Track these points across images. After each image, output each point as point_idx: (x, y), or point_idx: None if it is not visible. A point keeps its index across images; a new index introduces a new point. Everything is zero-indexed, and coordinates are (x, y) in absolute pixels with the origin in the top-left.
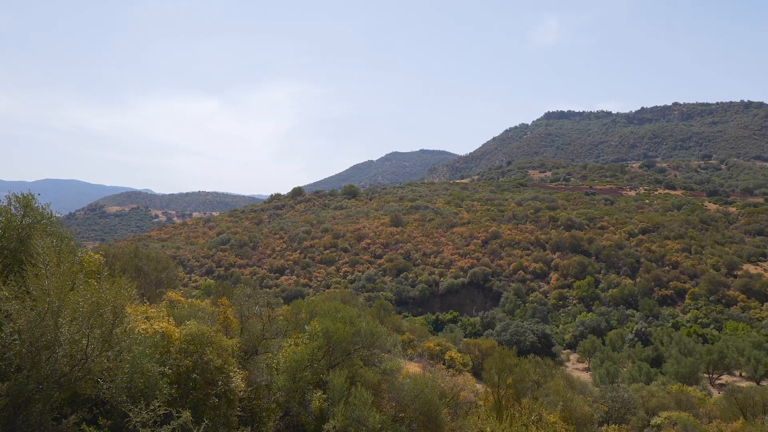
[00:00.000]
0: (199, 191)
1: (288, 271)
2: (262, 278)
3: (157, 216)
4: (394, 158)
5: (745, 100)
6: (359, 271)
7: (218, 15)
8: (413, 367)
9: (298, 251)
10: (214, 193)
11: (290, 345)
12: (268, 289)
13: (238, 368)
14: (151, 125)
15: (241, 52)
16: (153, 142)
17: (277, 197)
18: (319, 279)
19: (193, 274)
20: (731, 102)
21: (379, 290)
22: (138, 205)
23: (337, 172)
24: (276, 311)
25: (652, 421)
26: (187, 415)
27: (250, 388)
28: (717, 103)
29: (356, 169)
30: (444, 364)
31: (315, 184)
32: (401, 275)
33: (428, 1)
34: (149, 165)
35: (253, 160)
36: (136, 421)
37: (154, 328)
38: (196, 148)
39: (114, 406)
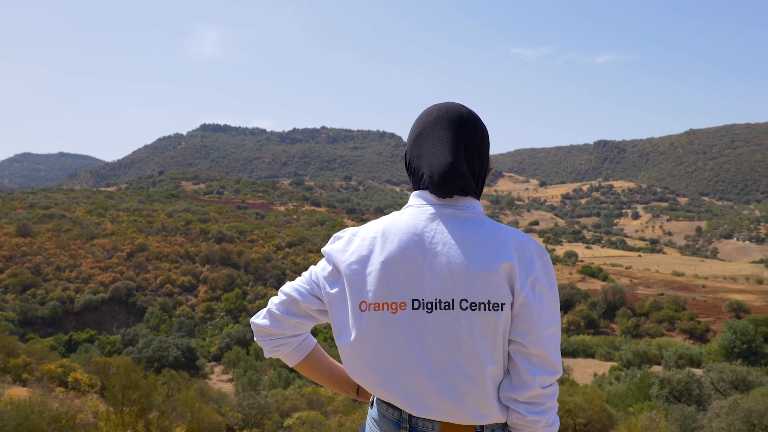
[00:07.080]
0: None
1: None
2: None
3: None
4: (25, 159)
5: (381, 130)
6: None
7: None
8: (21, 393)
9: None
10: None
11: None
12: None
13: None
14: None
15: None
16: None
17: None
18: None
19: None
20: (369, 131)
21: None
22: None
23: None
24: None
25: (285, 423)
26: None
27: None
28: (358, 131)
29: None
30: (66, 387)
31: None
32: (28, 292)
33: None
34: None
35: None
36: None
37: None
38: None
39: None
